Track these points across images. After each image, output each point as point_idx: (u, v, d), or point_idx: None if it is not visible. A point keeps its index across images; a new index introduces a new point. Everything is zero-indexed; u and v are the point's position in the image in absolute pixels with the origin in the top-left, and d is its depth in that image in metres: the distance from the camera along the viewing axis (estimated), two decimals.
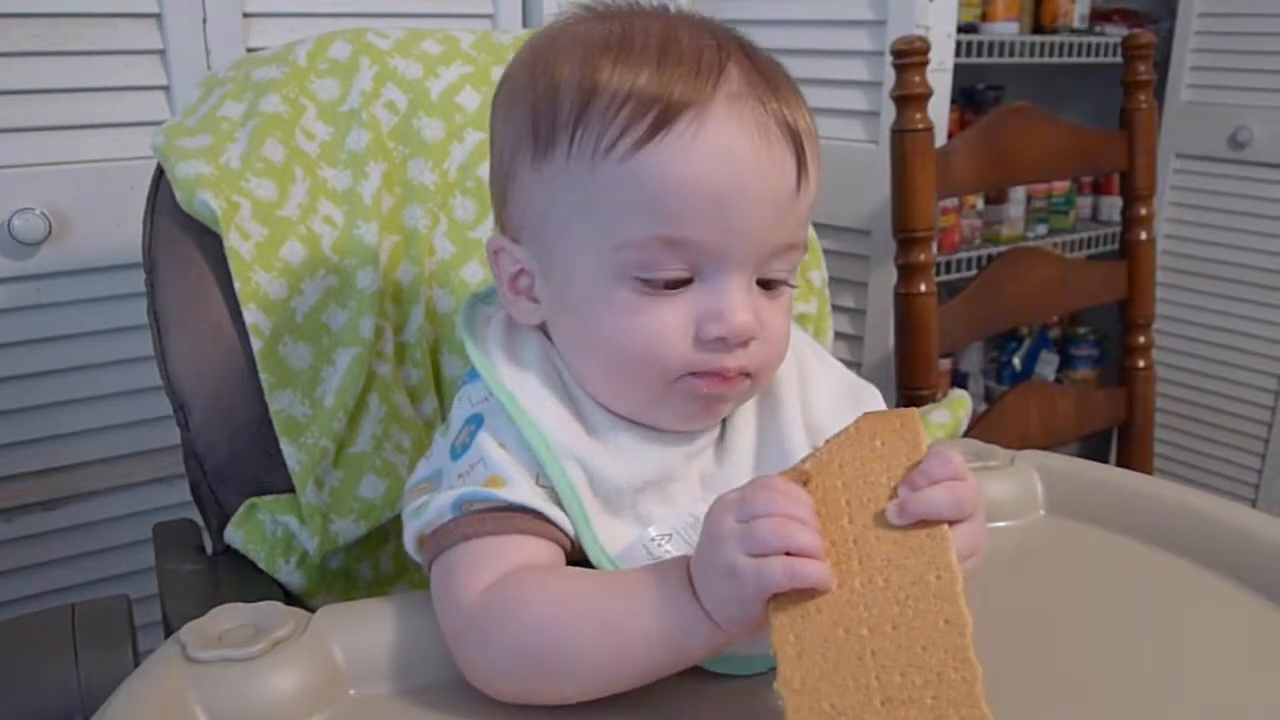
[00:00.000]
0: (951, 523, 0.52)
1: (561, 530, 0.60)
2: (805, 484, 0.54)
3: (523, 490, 0.59)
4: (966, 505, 0.53)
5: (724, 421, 0.67)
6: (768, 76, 0.60)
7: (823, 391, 0.69)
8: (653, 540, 0.62)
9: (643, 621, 0.54)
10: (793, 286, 0.64)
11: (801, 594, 0.50)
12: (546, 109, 0.60)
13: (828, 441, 0.56)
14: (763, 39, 0.64)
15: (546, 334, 0.65)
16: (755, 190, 0.58)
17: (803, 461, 0.55)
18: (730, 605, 0.52)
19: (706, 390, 0.60)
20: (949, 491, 0.52)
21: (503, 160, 0.64)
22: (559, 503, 0.60)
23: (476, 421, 0.62)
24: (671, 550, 0.61)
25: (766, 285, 0.61)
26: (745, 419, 0.67)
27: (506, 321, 0.66)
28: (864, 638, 0.49)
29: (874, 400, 0.70)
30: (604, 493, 0.61)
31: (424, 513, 0.61)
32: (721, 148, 0.57)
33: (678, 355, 0.59)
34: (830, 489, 0.53)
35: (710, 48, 0.59)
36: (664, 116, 0.57)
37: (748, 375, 0.61)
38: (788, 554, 0.50)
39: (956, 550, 0.51)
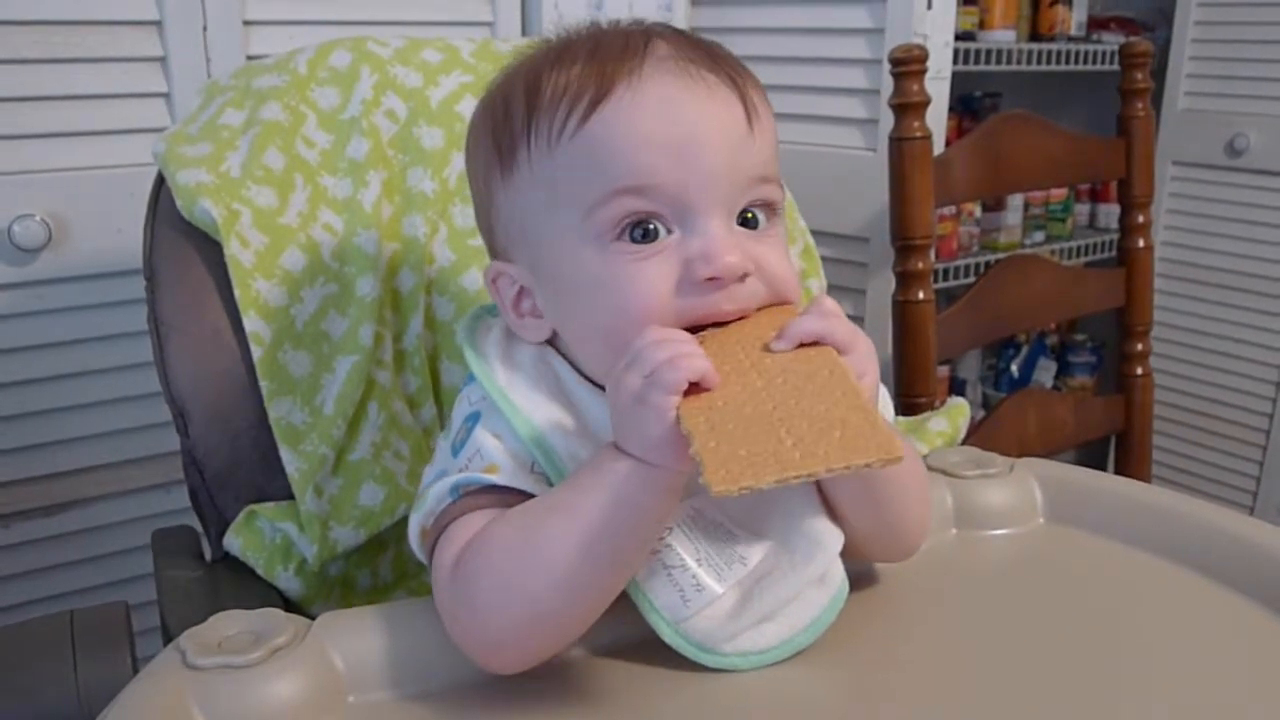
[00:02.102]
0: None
1: None
2: (702, 343, 0.58)
3: (516, 475, 0.61)
4: (840, 332, 0.58)
5: None
6: (697, 43, 0.63)
7: None
8: None
9: (589, 494, 0.57)
10: (777, 222, 0.65)
11: (707, 398, 0.54)
12: (504, 127, 0.64)
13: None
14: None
15: (550, 344, 0.67)
16: (703, 128, 0.60)
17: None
18: (643, 430, 0.55)
19: None
20: (820, 317, 0.58)
21: (480, 191, 0.68)
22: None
23: (474, 419, 0.64)
24: (671, 542, 0.61)
25: (749, 224, 0.63)
26: None
27: (506, 330, 0.68)
28: (770, 411, 0.53)
29: (884, 401, 0.71)
30: None
31: (424, 503, 0.62)
32: (660, 99, 0.60)
33: (669, 306, 0.60)
34: (725, 342, 0.58)
35: (637, 33, 0.63)
36: (601, 90, 0.60)
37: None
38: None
39: None
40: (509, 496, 0.60)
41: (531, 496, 0.61)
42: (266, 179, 0.87)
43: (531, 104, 0.62)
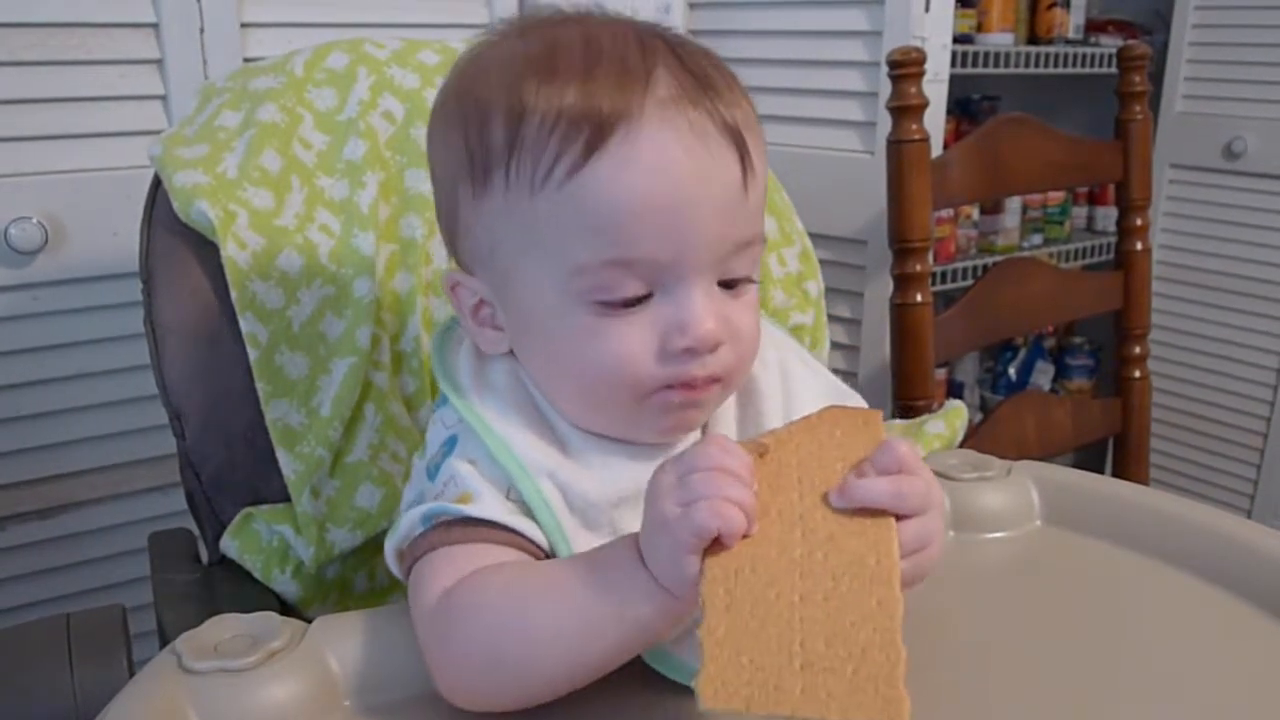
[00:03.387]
0: (900, 516, 0.53)
1: (531, 542, 0.60)
2: (761, 455, 0.54)
3: (489, 505, 0.59)
4: (910, 499, 0.53)
5: (704, 429, 0.66)
6: (698, 75, 0.59)
7: (806, 396, 0.69)
8: None
9: (592, 589, 0.54)
10: (755, 282, 0.63)
11: (739, 554, 0.51)
12: (479, 141, 0.60)
13: (790, 423, 0.57)
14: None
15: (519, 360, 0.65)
16: (700, 196, 0.57)
17: (763, 435, 0.56)
18: (666, 557, 0.52)
19: (679, 400, 0.60)
20: (892, 483, 0.53)
21: (445, 194, 0.65)
22: (532, 517, 0.60)
23: (450, 443, 0.63)
24: None
25: (728, 285, 0.61)
26: (725, 427, 0.67)
27: (476, 345, 0.67)
28: (795, 604, 0.49)
29: (854, 403, 0.70)
30: (580, 509, 0.61)
31: (398, 528, 0.62)
32: (659, 160, 0.56)
33: (645, 372, 0.58)
34: (784, 464, 0.54)
35: (634, 53, 0.58)
36: (596, 136, 0.56)
37: (717, 380, 0.60)
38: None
39: (902, 544, 0.52)
40: (481, 530, 0.59)
41: (503, 527, 0.59)
42: (263, 180, 0.87)
43: (514, 129, 0.58)
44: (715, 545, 0.51)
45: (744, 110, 0.60)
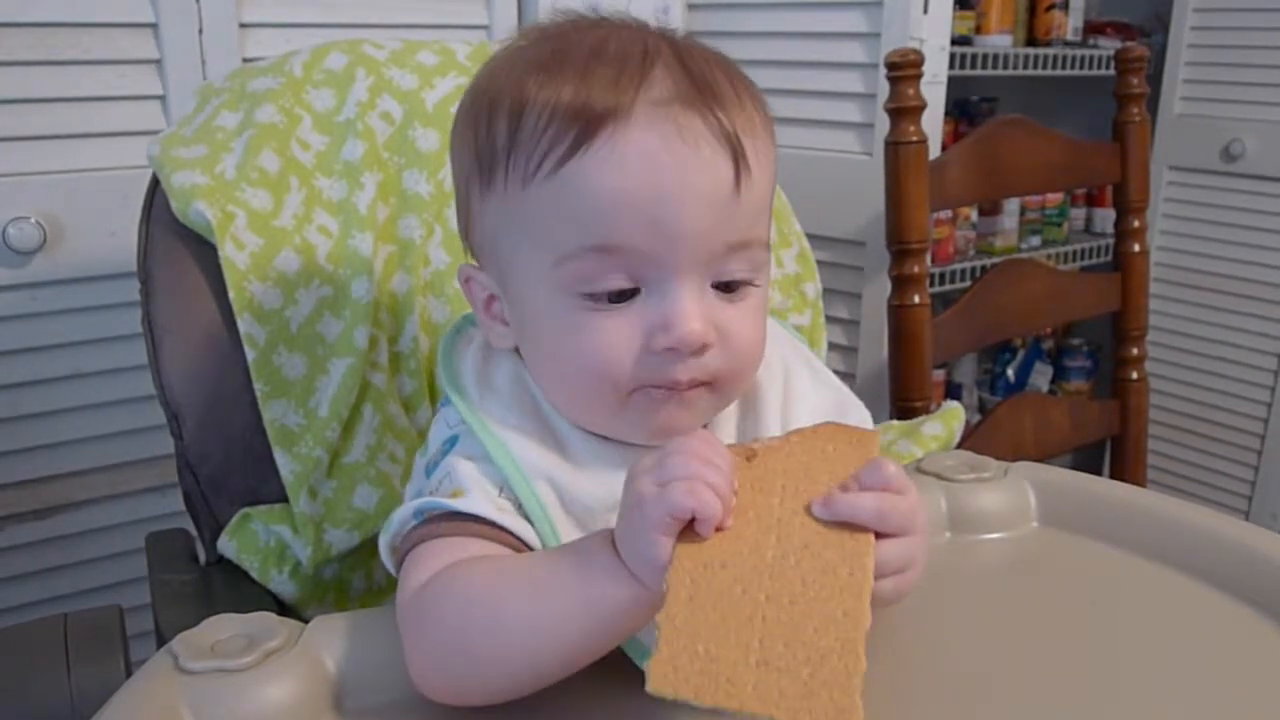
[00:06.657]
0: (881, 535, 0.53)
1: (520, 540, 0.60)
2: (749, 459, 0.54)
3: (479, 501, 0.60)
4: (893, 517, 0.53)
5: None
6: (699, 78, 0.59)
7: (803, 409, 0.68)
8: None
9: (562, 576, 0.54)
10: (758, 286, 0.62)
11: (710, 547, 0.50)
12: (486, 139, 0.61)
13: (786, 433, 0.57)
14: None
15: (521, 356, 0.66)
16: (683, 194, 0.57)
17: (754, 442, 0.56)
18: (638, 540, 0.51)
19: (661, 398, 0.60)
20: (876, 499, 0.53)
21: (459, 191, 0.66)
22: (526, 518, 0.60)
23: (450, 443, 0.64)
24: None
25: (727, 288, 0.60)
26: (726, 435, 0.67)
27: (484, 344, 0.67)
28: (760, 603, 0.49)
29: (859, 420, 0.69)
30: (576, 512, 0.61)
31: (391, 524, 0.62)
32: (642, 158, 0.56)
33: (626, 369, 0.58)
34: (770, 471, 0.54)
35: (636, 54, 0.59)
36: (585, 131, 0.57)
37: (704, 385, 0.60)
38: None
39: (880, 562, 0.52)
40: (469, 524, 0.59)
41: (491, 524, 0.59)
42: (261, 181, 0.87)
43: (514, 127, 0.59)
44: (688, 533, 0.50)
45: (747, 115, 0.60)
